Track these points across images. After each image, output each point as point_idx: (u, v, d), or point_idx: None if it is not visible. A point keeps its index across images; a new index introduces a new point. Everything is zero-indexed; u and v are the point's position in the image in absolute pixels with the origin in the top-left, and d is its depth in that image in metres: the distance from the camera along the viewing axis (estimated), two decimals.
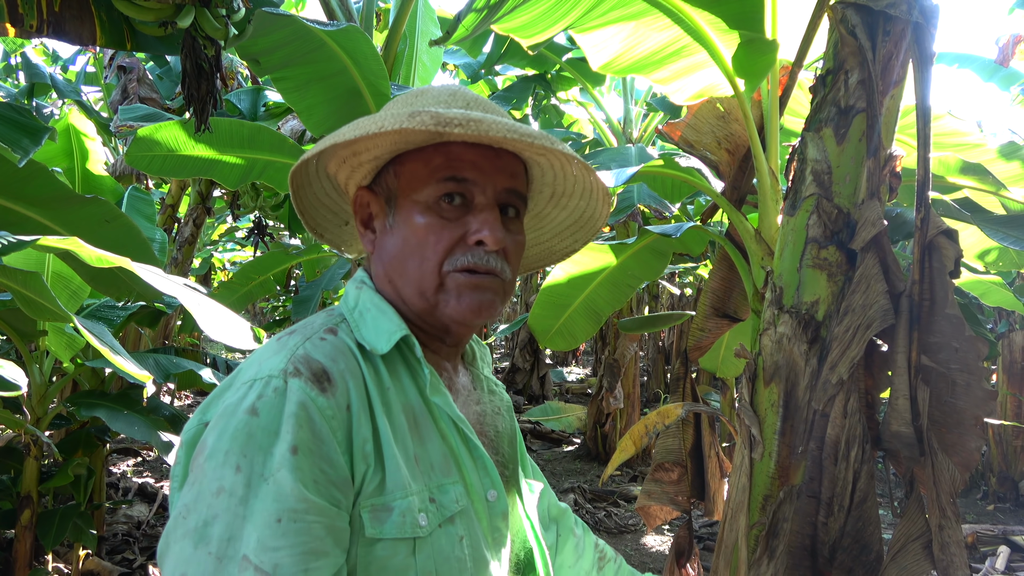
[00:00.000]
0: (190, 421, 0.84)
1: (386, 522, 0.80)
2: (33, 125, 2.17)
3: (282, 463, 0.74)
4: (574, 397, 11.11)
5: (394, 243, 0.92)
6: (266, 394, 0.77)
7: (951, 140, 2.97)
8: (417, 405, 0.89)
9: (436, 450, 0.89)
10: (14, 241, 1.64)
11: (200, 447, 0.78)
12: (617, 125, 6.99)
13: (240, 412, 0.77)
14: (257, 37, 2.73)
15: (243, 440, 0.75)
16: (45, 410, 3.58)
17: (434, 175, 0.89)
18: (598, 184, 0.99)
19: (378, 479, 0.81)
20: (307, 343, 0.84)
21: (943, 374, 1.88)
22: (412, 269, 0.90)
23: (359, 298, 0.94)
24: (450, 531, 0.85)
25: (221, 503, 0.73)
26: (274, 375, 0.79)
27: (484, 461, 0.93)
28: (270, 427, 0.75)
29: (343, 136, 0.86)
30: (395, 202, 0.93)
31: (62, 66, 9.06)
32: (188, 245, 6.23)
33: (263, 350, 0.86)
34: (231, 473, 0.74)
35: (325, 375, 0.81)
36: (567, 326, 3.82)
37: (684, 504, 2.90)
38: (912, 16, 1.94)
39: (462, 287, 0.89)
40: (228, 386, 0.83)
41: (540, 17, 2.43)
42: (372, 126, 0.83)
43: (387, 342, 0.88)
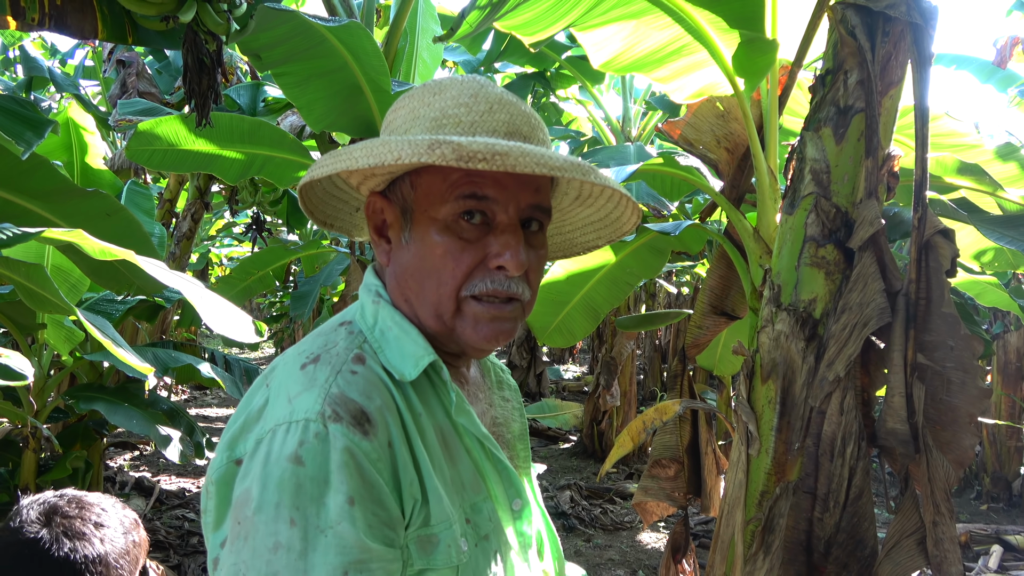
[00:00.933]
0: (217, 457, 0.82)
1: (432, 553, 0.80)
2: (36, 118, 2.18)
3: (341, 516, 0.73)
4: (571, 395, 11.14)
5: (410, 260, 0.87)
6: (308, 440, 0.75)
7: (948, 141, 2.99)
8: (445, 425, 0.88)
9: (466, 469, 0.89)
10: (19, 233, 1.65)
11: (244, 498, 0.75)
12: (616, 123, 7.00)
13: (283, 460, 0.74)
14: (259, 32, 2.73)
15: (292, 491, 0.73)
16: (44, 403, 3.59)
17: (453, 191, 0.84)
18: (628, 197, 0.96)
19: (424, 512, 0.80)
20: (339, 378, 0.80)
21: (938, 372, 1.90)
22: (429, 291, 0.86)
23: (378, 315, 0.89)
24: (486, 548, 0.86)
25: (280, 560, 0.72)
26: (311, 419, 0.76)
27: (509, 473, 0.93)
28: (318, 477, 0.74)
29: (356, 163, 0.81)
30: (411, 216, 0.88)
31: (60, 60, 9.04)
32: (186, 240, 6.24)
33: (287, 380, 0.82)
34: (286, 527, 0.72)
35: (365, 416, 0.78)
36: (565, 323, 3.83)
37: (680, 500, 2.91)
38: (911, 17, 1.95)
39: (479, 317, 0.85)
40: (254, 419, 0.81)
41: (542, 15, 2.45)
42: (388, 155, 0.78)
43: (415, 368, 0.85)
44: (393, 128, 0.90)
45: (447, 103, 0.87)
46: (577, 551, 5.06)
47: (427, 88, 0.90)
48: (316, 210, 1.01)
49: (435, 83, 0.91)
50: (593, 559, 4.93)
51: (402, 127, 0.89)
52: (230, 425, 0.83)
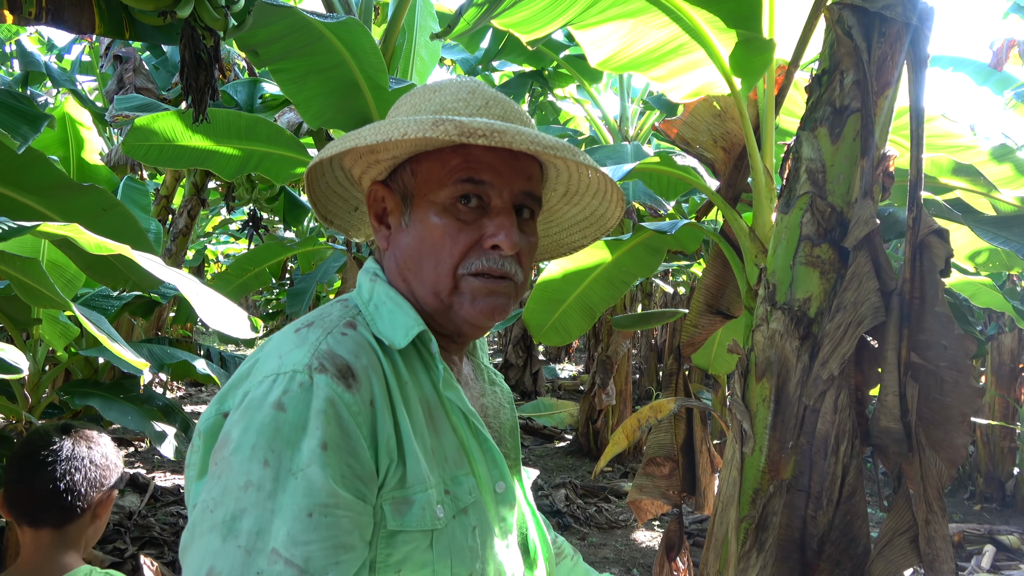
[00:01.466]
0: (207, 411, 0.84)
1: (407, 514, 0.81)
2: (32, 112, 2.17)
3: (312, 459, 0.74)
4: (567, 393, 11.14)
5: (409, 242, 0.92)
6: (292, 389, 0.78)
7: (944, 142, 3.00)
8: (432, 399, 0.91)
9: (450, 443, 0.90)
10: (14, 227, 1.65)
11: (223, 440, 0.78)
12: (613, 123, 7.01)
13: (266, 407, 0.77)
14: (256, 28, 2.73)
15: (270, 435, 0.75)
16: (39, 398, 3.58)
17: (451, 176, 0.89)
18: (614, 188, 1.00)
19: (400, 473, 0.82)
20: (329, 337, 0.84)
21: (932, 371, 1.91)
22: (427, 270, 0.91)
23: (374, 291, 0.94)
24: (464, 522, 0.87)
25: (249, 497, 0.73)
26: (299, 370, 0.79)
27: (494, 454, 0.95)
28: (297, 422, 0.76)
29: (364, 140, 0.86)
30: (411, 201, 0.93)
31: (57, 55, 9.01)
32: (182, 236, 6.23)
33: (281, 342, 0.86)
34: (259, 467, 0.74)
35: (350, 371, 0.81)
36: (561, 322, 3.84)
37: (675, 498, 2.92)
38: (907, 18, 1.96)
39: (476, 292, 0.90)
40: (245, 376, 0.84)
41: (540, 13, 2.45)
42: (395, 132, 0.83)
43: (404, 337, 0.88)
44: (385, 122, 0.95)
45: (446, 98, 0.93)
46: None
47: (427, 87, 0.97)
48: (319, 203, 1.05)
49: (435, 83, 0.97)
50: (588, 557, 4.93)
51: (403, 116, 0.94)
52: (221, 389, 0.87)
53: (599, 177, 0.99)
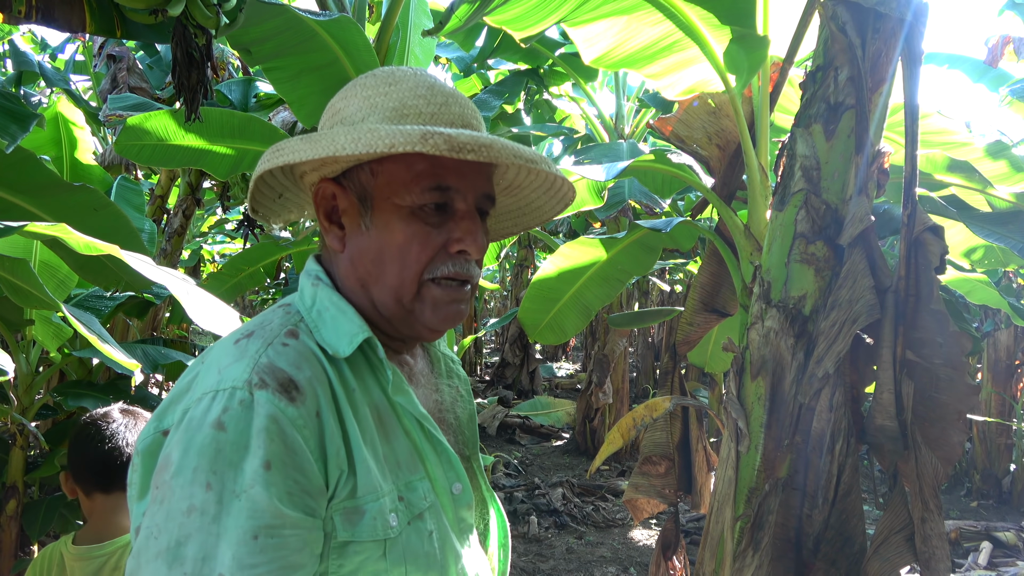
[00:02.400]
0: (145, 428, 0.82)
1: (358, 524, 0.80)
2: (21, 111, 2.15)
3: (255, 479, 0.73)
4: (563, 392, 11.14)
5: (370, 246, 0.89)
6: (231, 407, 0.75)
7: (939, 138, 2.99)
8: (381, 403, 0.89)
9: (402, 448, 0.89)
10: (1, 227, 1.63)
11: (164, 462, 0.76)
12: (609, 121, 7.00)
13: (205, 426, 0.75)
14: (248, 26, 2.71)
15: (211, 456, 0.73)
16: (31, 400, 3.56)
17: (419, 182, 0.87)
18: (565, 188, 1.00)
19: (351, 483, 0.81)
20: (269, 349, 0.82)
21: (927, 369, 1.90)
22: (391, 275, 0.88)
23: (316, 296, 0.91)
24: (419, 527, 0.85)
25: (193, 522, 0.72)
26: (238, 386, 0.77)
27: (448, 456, 0.93)
28: (239, 442, 0.74)
29: (343, 149, 0.82)
30: (371, 203, 0.89)
31: (51, 54, 8.97)
32: (177, 236, 6.19)
33: (220, 355, 0.83)
34: (201, 491, 0.72)
35: (292, 384, 0.79)
36: (557, 320, 3.83)
37: (671, 497, 2.92)
38: (902, 14, 1.95)
39: (438, 300, 0.89)
40: (184, 391, 0.82)
41: (533, 9, 2.44)
42: (379, 143, 0.80)
43: (349, 345, 0.86)
44: (346, 116, 0.92)
45: (405, 94, 0.90)
46: (569, 548, 5.07)
47: (379, 79, 0.93)
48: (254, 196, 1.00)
49: (386, 73, 0.94)
50: (585, 556, 4.93)
51: (358, 115, 0.91)
52: (160, 405, 0.84)
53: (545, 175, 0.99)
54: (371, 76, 0.94)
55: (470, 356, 12.48)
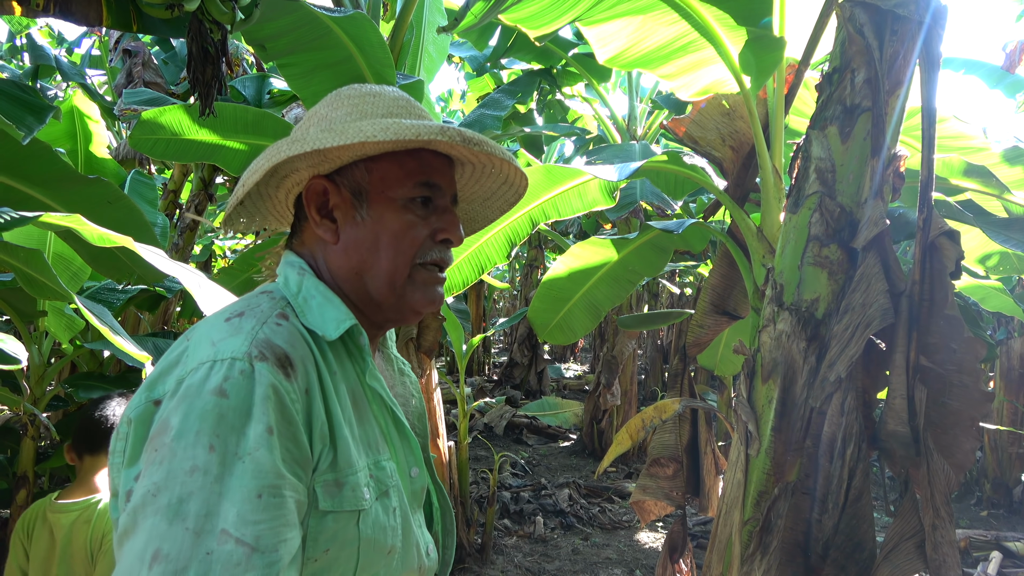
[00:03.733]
0: (135, 398, 0.85)
1: (337, 496, 0.86)
2: (37, 103, 2.17)
3: (260, 443, 0.77)
4: (571, 393, 11.12)
5: (366, 235, 0.98)
6: (232, 376, 0.79)
7: (956, 143, 2.97)
8: (356, 388, 0.96)
9: (372, 431, 0.96)
10: (17, 217, 1.64)
11: (162, 427, 0.78)
12: (622, 122, 6.98)
13: (205, 393, 0.78)
14: (264, 22, 2.72)
15: (214, 420, 0.77)
16: (43, 391, 3.58)
17: (410, 178, 0.98)
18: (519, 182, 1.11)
19: (331, 457, 0.87)
20: (265, 327, 0.87)
21: (940, 375, 1.88)
22: (385, 260, 0.97)
23: (302, 284, 0.97)
24: (386, 503, 0.93)
25: (196, 481, 0.74)
26: (238, 357, 0.81)
27: (410, 441, 1.03)
28: (241, 408, 0.78)
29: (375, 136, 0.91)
30: (367, 197, 0.98)
31: (67, 48, 9.04)
32: (189, 231, 6.22)
33: (211, 331, 0.87)
34: (204, 452, 0.75)
35: (288, 360, 0.84)
36: (566, 320, 3.82)
37: (678, 499, 2.90)
38: (920, 16, 1.94)
39: (427, 281, 1.00)
40: (175, 363, 0.85)
41: (547, 8, 2.43)
42: (407, 133, 0.90)
43: (336, 329, 0.93)
44: (333, 121, 1.00)
45: (388, 104, 1.03)
46: (575, 549, 5.06)
47: (360, 92, 1.04)
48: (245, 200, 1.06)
49: (365, 88, 1.05)
50: (591, 557, 4.92)
51: (349, 118, 1.00)
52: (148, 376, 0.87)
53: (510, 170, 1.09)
54: (351, 89, 1.05)
55: (478, 355, 12.48)
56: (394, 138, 0.90)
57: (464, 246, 2.96)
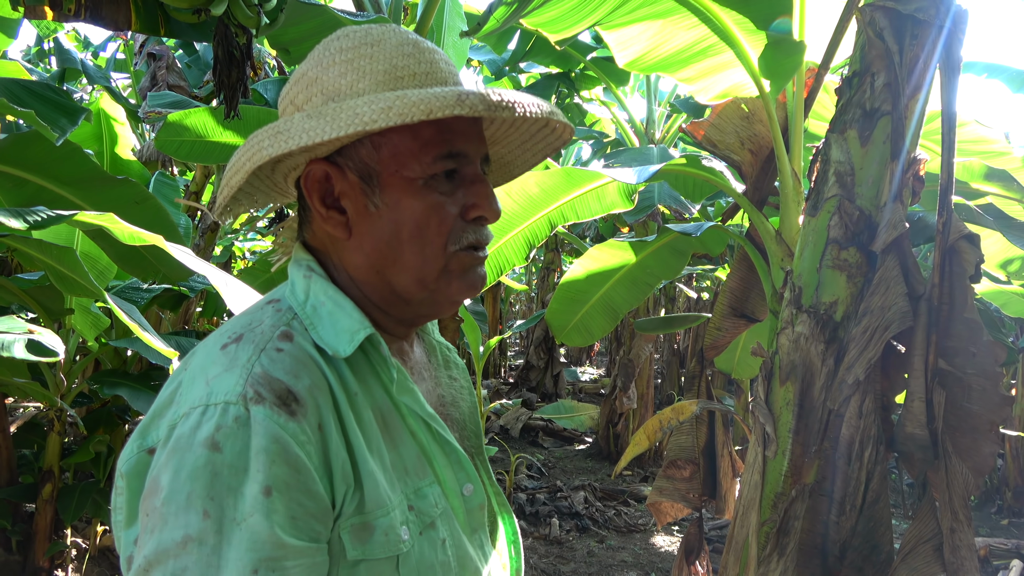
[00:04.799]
0: (128, 447, 0.74)
1: (368, 542, 0.74)
2: (70, 105, 2.22)
3: (255, 507, 0.66)
4: (587, 396, 11.12)
5: (384, 227, 0.81)
6: (225, 424, 0.68)
7: (977, 147, 2.96)
8: (384, 405, 0.82)
9: (409, 452, 0.82)
10: (52, 215, 1.69)
11: (152, 487, 0.68)
12: (640, 126, 6.99)
13: (196, 446, 0.67)
14: (288, 26, 2.77)
15: (207, 480, 0.66)
16: (69, 387, 3.65)
17: (428, 151, 0.80)
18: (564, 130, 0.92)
19: (358, 498, 0.74)
20: (263, 357, 0.73)
21: (959, 378, 1.88)
22: (412, 255, 0.81)
23: (310, 290, 0.82)
24: (432, 536, 0.80)
25: (190, 555, 0.65)
26: (232, 401, 0.69)
27: (458, 455, 0.87)
28: (237, 464, 0.67)
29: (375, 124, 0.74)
30: (378, 180, 0.81)
31: (93, 52, 9.19)
32: (211, 232, 6.30)
33: (207, 362, 0.75)
34: (197, 519, 0.65)
35: (291, 396, 0.71)
36: (584, 322, 3.84)
37: (695, 501, 2.91)
38: (940, 20, 1.94)
39: (466, 267, 0.83)
40: (168, 403, 0.74)
41: (569, 12, 2.46)
42: (415, 111, 0.73)
43: (349, 343, 0.78)
44: (332, 86, 0.82)
45: (391, 54, 0.82)
46: (590, 551, 5.06)
47: (356, 40, 0.83)
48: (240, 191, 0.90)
49: (361, 33, 0.84)
50: (606, 560, 4.92)
51: (347, 84, 0.81)
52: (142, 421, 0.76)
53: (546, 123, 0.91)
54: (344, 39, 0.84)
55: (495, 358, 12.51)
56: (399, 121, 0.73)
57: None
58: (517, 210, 2.98)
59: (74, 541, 3.85)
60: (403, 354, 0.92)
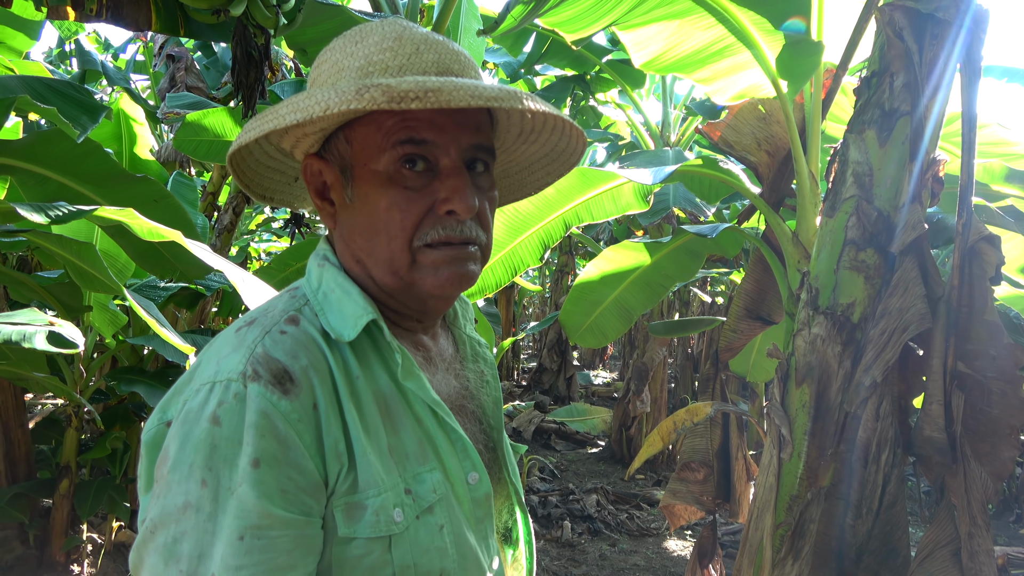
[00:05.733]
0: (150, 419, 0.80)
1: (359, 521, 0.77)
2: (91, 103, 2.25)
3: (244, 477, 0.70)
4: (600, 400, 11.09)
5: (356, 220, 0.85)
6: (226, 400, 0.72)
7: (997, 149, 2.93)
8: (388, 391, 0.84)
9: (411, 438, 0.84)
10: (73, 211, 1.71)
11: (163, 455, 0.74)
12: (655, 128, 6.97)
13: (202, 420, 0.72)
14: (305, 27, 2.79)
15: (206, 451, 0.71)
16: (87, 383, 3.69)
17: (389, 139, 0.80)
18: (569, 123, 0.90)
19: (351, 477, 0.77)
20: (266, 338, 0.78)
21: (979, 381, 1.86)
22: (380, 247, 0.83)
23: (322, 278, 0.87)
24: (429, 521, 0.82)
25: (188, 519, 0.70)
26: (233, 378, 0.74)
27: (463, 443, 0.88)
28: (233, 437, 0.71)
29: (283, 120, 0.76)
30: (351, 172, 0.84)
31: (113, 54, 9.29)
32: (227, 233, 6.34)
33: (223, 343, 0.80)
34: (196, 487, 0.70)
35: (287, 375, 0.75)
36: (598, 323, 3.83)
37: (709, 504, 2.90)
38: (961, 20, 1.92)
39: (438, 262, 0.83)
40: (187, 382, 0.79)
41: (585, 12, 2.46)
42: (315, 108, 0.74)
43: (353, 328, 0.82)
44: (318, 83, 0.86)
45: (370, 50, 0.83)
46: (602, 555, 5.05)
47: (348, 38, 0.86)
48: (253, 184, 0.96)
49: (356, 31, 0.86)
50: (618, 564, 4.90)
51: (328, 81, 0.85)
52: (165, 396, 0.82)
53: (553, 116, 0.87)
54: (341, 37, 0.87)
55: (508, 360, 12.52)
56: (302, 118, 0.74)
57: (497, 247, 2.99)
58: (532, 210, 2.98)
59: (90, 536, 3.89)
60: (418, 344, 0.94)
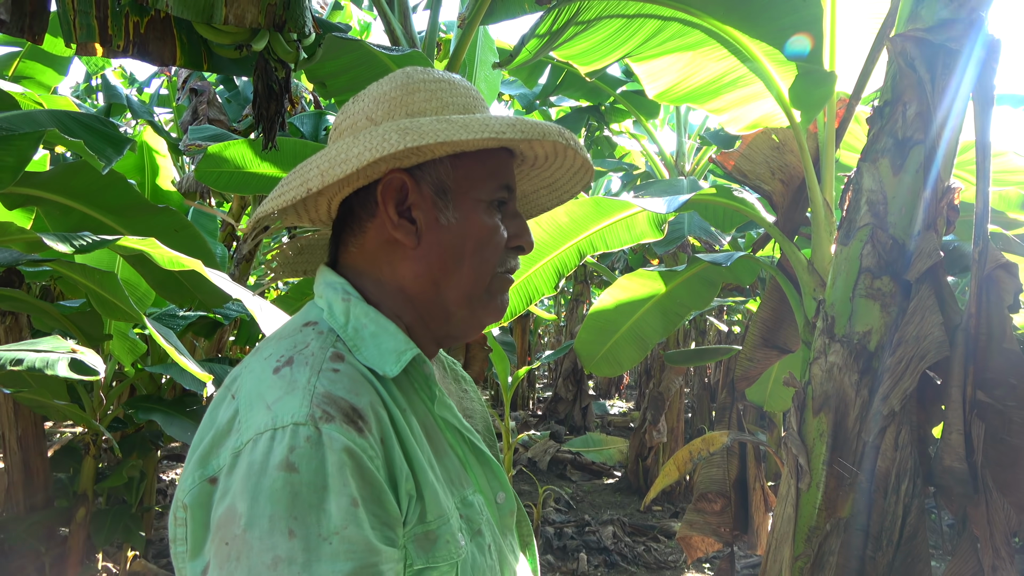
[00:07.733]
0: (186, 476, 0.75)
1: (431, 550, 0.77)
2: (116, 136, 2.31)
3: (347, 520, 0.69)
4: (616, 430, 10.99)
5: (452, 240, 0.87)
6: (298, 445, 0.69)
7: (1013, 178, 2.92)
8: (427, 420, 0.86)
9: (452, 464, 0.87)
10: (96, 240, 1.74)
11: (229, 515, 0.69)
12: (670, 158, 7.01)
13: (271, 469, 0.68)
14: (325, 61, 2.85)
15: (287, 501, 0.68)
16: (105, 411, 3.72)
17: (493, 179, 0.90)
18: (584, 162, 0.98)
19: (420, 508, 0.77)
20: (321, 377, 0.76)
21: (999, 410, 1.84)
22: (468, 269, 0.88)
23: (350, 312, 0.85)
24: (480, 543, 0.84)
25: (281, 574, 0.66)
26: (300, 422, 0.71)
27: (492, 466, 0.92)
28: (315, 482, 0.69)
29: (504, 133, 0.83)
30: (451, 196, 0.88)
31: (138, 88, 9.52)
32: (246, 262, 6.42)
33: (262, 387, 0.76)
34: (284, 540, 0.67)
35: (357, 413, 0.74)
36: (613, 352, 3.82)
37: (726, 536, 2.86)
38: (972, 49, 1.94)
39: (503, 289, 0.92)
40: (227, 431, 0.74)
41: (599, 45, 2.50)
42: (533, 131, 0.84)
43: (396, 363, 0.81)
44: (415, 107, 0.89)
45: (462, 92, 0.92)
46: None
47: (433, 79, 0.92)
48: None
49: (437, 74, 0.93)
50: None
51: (432, 108, 0.89)
52: (195, 445, 0.77)
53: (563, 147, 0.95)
54: (424, 72, 0.92)
55: (523, 389, 12.47)
56: (520, 136, 0.83)
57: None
58: (547, 239, 3.00)
59: (105, 566, 3.89)
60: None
